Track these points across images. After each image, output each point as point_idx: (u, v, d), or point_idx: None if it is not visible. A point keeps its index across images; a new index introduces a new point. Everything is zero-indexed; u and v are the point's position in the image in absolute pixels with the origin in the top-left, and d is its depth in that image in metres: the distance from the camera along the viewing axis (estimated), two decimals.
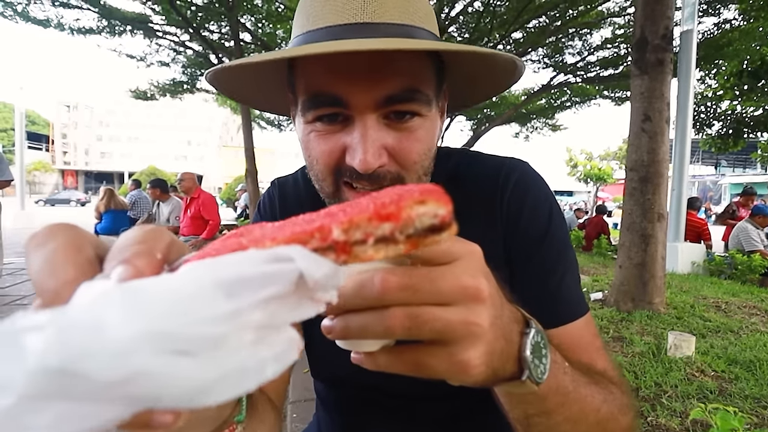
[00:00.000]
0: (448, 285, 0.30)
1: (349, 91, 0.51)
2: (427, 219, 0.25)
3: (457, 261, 0.31)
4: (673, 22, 3.72)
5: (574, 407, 0.43)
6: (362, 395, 0.72)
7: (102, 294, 0.18)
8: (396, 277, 0.29)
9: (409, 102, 0.53)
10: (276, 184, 0.79)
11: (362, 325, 0.30)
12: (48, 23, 6.70)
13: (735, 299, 4.20)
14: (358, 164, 0.51)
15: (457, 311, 0.30)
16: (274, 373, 0.20)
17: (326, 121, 0.54)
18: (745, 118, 9.46)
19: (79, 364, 0.16)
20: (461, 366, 0.31)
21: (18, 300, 4.37)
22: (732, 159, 34.75)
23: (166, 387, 0.17)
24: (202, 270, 0.20)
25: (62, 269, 0.22)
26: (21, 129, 13.15)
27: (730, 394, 2.23)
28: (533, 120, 12.06)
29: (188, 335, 0.17)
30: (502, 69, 0.57)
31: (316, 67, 0.52)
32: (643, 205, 3.70)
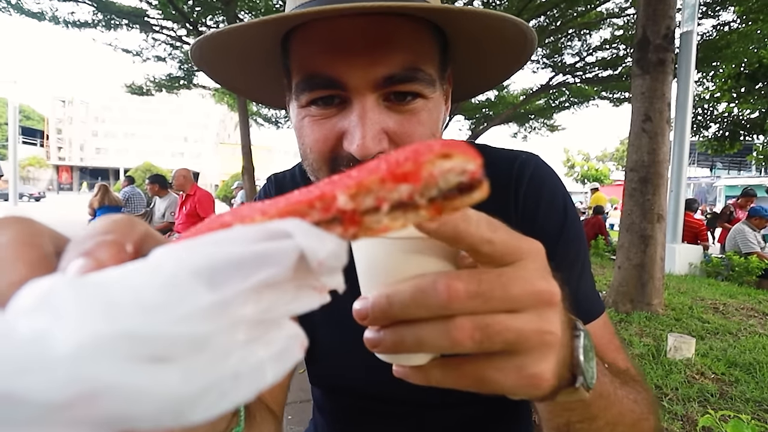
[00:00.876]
0: (520, 290, 0.26)
1: (346, 71, 0.46)
2: (453, 176, 0.20)
3: (524, 260, 0.27)
4: (674, 22, 3.71)
5: (614, 410, 0.41)
6: (364, 404, 0.68)
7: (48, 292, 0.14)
8: (463, 284, 0.25)
9: (411, 82, 0.48)
10: (272, 180, 0.75)
11: (421, 338, 0.26)
12: (42, 16, 6.61)
13: (733, 301, 4.20)
14: (356, 149, 0.46)
15: (529, 319, 0.27)
16: (276, 377, 0.16)
17: (321, 104, 0.50)
18: (741, 121, 9.50)
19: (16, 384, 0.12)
20: (533, 380, 0.27)
21: None
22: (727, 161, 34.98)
23: (138, 403, 0.13)
24: (175, 254, 0.16)
25: (10, 268, 0.18)
26: (14, 124, 13.03)
27: (731, 397, 2.22)
28: (531, 120, 12.08)
29: (162, 336, 0.13)
30: (511, 43, 0.52)
31: (310, 45, 0.48)
32: (642, 206, 3.69)
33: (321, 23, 0.47)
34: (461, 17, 0.46)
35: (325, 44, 0.47)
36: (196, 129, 78.73)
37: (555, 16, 7.78)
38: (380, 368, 0.64)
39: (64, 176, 72.89)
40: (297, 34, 0.49)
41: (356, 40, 0.46)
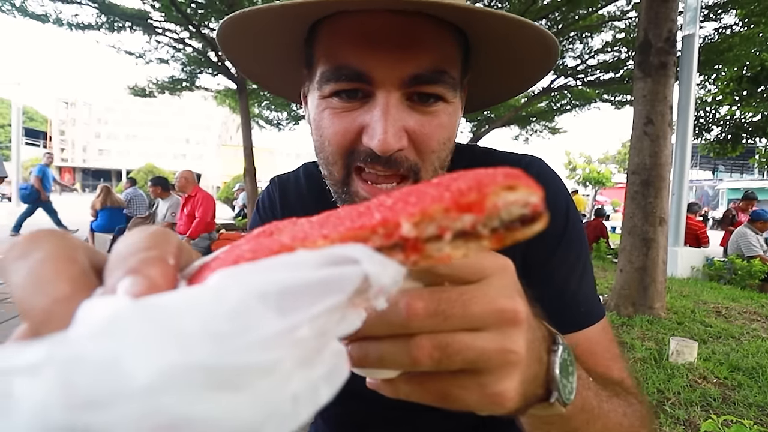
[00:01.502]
0: (481, 308, 0.26)
1: (375, 65, 0.46)
2: (516, 209, 0.20)
3: (489, 278, 0.27)
4: (676, 25, 3.70)
5: (599, 424, 0.40)
6: (363, 407, 0.68)
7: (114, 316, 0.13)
8: (423, 303, 0.25)
9: (436, 84, 0.49)
10: (276, 182, 0.75)
11: (383, 355, 0.26)
12: (46, 18, 6.63)
13: (735, 304, 4.19)
14: (377, 144, 0.46)
15: (491, 338, 0.26)
16: (328, 396, 0.16)
17: (344, 97, 0.49)
18: (743, 124, 9.47)
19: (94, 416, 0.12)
20: (495, 398, 0.27)
21: (8, 299, 4.31)
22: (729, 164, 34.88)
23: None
24: (242, 279, 0.16)
25: (52, 284, 0.17)
26: (18, 125, 13.07)
27: (734, 401, 2.21)
28: (533, 123, 12.07)
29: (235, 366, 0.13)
30: (533, 52, 0.52)
31: (339, 37, 0.48)
32: (644, 209, 3.68)
33: (352, 16, 0.47)
34: (488, 19, 0.46)
35: (356, 37, 0.47)
36: (198, 131, 78.89)
37: (557, 19, 7.79)
38: None
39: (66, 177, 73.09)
40: (325, 24, 0.49)
41: (387, 37, 0.46)
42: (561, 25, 7.89)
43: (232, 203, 13.86)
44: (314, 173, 0.73)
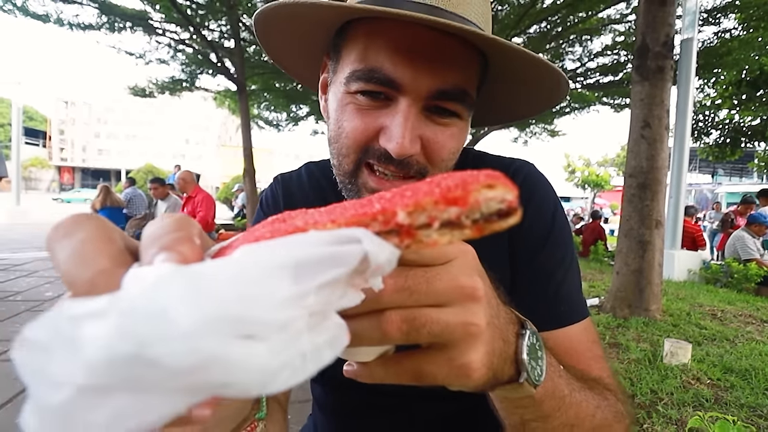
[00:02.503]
0: (444, 285, 0.28)
1: (406, 75, 0.49)
2: (494, 204, 0.23)
3: (452, 261, 0.29)
4: (674, 29, 3.73)
5: (570, 412, 0.42)
6: (360, 397, 0.71)
7: (161, 278, 0.16)
8: (391, 279, 0.27)
9: (456, 102, 0.52)
10: (279, 180, 0.77)
11: (356, 331, 0.28)
12: (47, 18, 6.66)
13: (731, 307, 4.20)
14: (394, 147, 0.50)
15: (454, 312, 0.28)
16: (331, 359, 0.20)
17: (369, 96, 0.52)
18: (742, 128, 9.51)
19: (151, 350, 0.14)
20: (463, 370, 0.30)
21: (11, 296, 4.32)
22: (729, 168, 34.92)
23: (238, 373, 0.16)
24: (265, 252, 0.19)
25: (95, 259, 0.20)
26: (17, 124, 13.08)
27: (726, 402, 2.22)
28: (532, 125, 12.09)
29: (258, 319, 0.16)
30: (545, 87, 0.56)
31: (377, 40, 0.50)
32: (641, 212, 3.70)
33: (390, 23, 0.49)
34: (512, 55, 0.49)
35: (392, 45, 0.49)
36: (198, 131, 78.90)
37: (556, 21, 7.81)
38: None
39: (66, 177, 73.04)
40: (362, 25, 0.52)
41: (421, 50, 0.49)
42: (561, 27, 7.92)
43: (231, 203, 13.88)
44: (315, 173, 0.75)
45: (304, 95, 9.46)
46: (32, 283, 4.92)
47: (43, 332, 0.15)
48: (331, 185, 0.71)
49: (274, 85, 9.06)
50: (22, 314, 3.73)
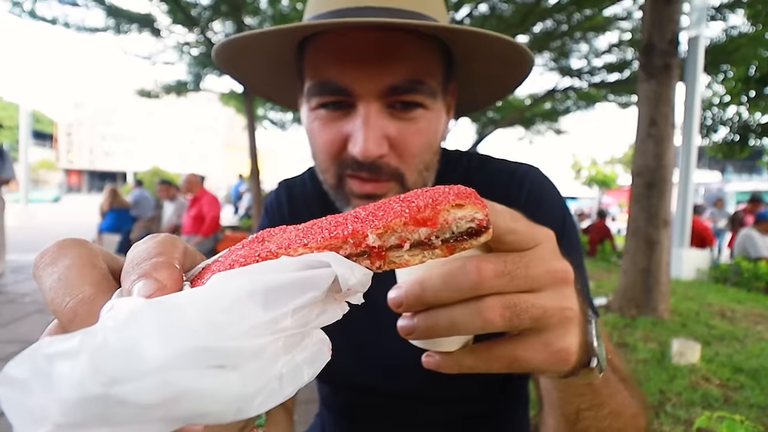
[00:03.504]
0: (539, 269, 0.28)
1: (353, 79, 0.50)
2: (464, 223, 0.24)
3: (541, 245, 0.29)
4: (680, 27, 3.70)
5: (618, 399, 0.43)
6: (367, 398, 0.71)
7: (132, 313, 0.17)
8: (491, 264, 0.27)
9: (413, 93, 0.52)
10: (283, 185, 0.78)
11: (454, 320, 0.28)
12: (55, 21, 6.73)
13: (740, 307, 4.16)
14: (359, 151, 0.50)
15: (550, 296, 0.29)
16: (311, 377, 0.20)
17: (330, 108, 0.53)
18: (751, 125, 9.40)
19: (119, 389, 0.15)
20: (561, 355, 0.29)
21: (20, 298, 4.37)
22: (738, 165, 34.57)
23: (210, 403, 0.16)
24: (234, 280, 0.19)
25: (78, 287, 0.20)
26: (26, 127, 13.22)
27: (735, 402, 2.20)
28: (537, 124, 12.03)
29: (229, 349, 0.17)
30: (510, 61, 0.55)
31: (322, 54, 0.52)
32: (648, 211, 3.68)
33: (334, 34, 0.50)
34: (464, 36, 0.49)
35: (336, 54, 0.50)
36: (203, 132, 79.31)
37: (562, 20, 7.76)
38: (378, 363, 0.67)
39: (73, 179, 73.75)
40: (311, 42, 0.53)
41: (364, 52, 0.49)
42: (566, 25, 7.88)
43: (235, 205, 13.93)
44: (318, 177, 0.76)
45: None
46: None
47: (22, 370, 0.16)
48: None
49: None
50: (31, 316, 3.77)
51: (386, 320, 0.65)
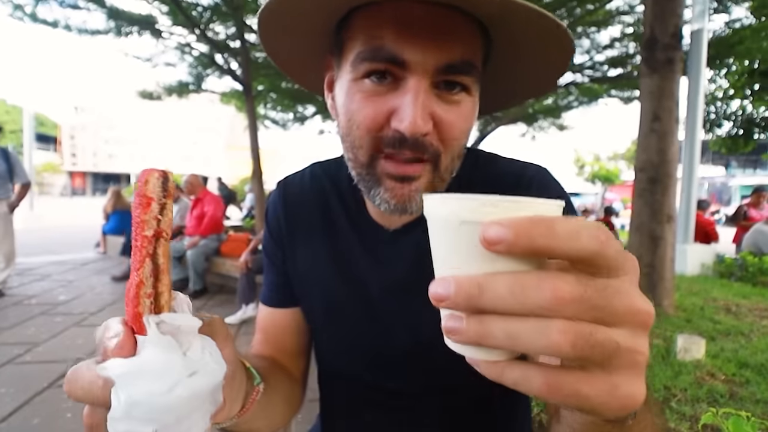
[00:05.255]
0: (622, 305, 0.25)
1: (411, 50, 0.48)
2: None
3: (626, 276, 0.26)
4: (682, 20, 3.67)
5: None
6: (365, 395, 0.71)
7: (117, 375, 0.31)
8: (569, 287, 0.24)
9: (464, 74, 0.51)
10: (281, 185, 0.77)
11: (515, 334, 0.25)
12: (56, 24, 6.75)
13: (745, 301, 4.14)
14: (407, 126, 0.48)
15: (624, 335, 0.25)
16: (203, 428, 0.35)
17: (376, 80, 0.51)
18: (755, 119, 9.32)
19: None
20: (625, 401, 0.26)
21: (26, 300, 4.40)
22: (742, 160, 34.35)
23: None
24: None
25: None
26: (29, 130, 13.29)
27: (741, 398, 2.19)
28: (540, 120, 11.99)
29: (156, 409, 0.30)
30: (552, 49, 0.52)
31: (379, 21, 0.50)
32: (652, 206, 3.66)
33: (388, 5, 0.49)
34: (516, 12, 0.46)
35: (394, 23, 0.49)
36: (205, 133, 79.43)
37: (563, 15, 7.73)
38: (375, 359, 0.67)
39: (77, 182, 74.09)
40: (362, 12, 0.51)
41: (423, 25, 0.48)
42: (568, 20, 7.84)
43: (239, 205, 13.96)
44: (318, 175, 0.75)
45: (310, 95, 9.47)
46: (46, 286, 5.00)
47: None
48: (333, 185, 0.72)
49: (279, 86, 9.07)
50: (37, 318, 3.80)
51: (387, 317, 0.66)
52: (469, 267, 0.27)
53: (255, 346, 0.74)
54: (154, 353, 0.30)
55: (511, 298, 0.24)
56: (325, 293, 0.69)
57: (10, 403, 2.23)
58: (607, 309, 0.25)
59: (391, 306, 0.65)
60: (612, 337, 0.25)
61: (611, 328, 0.25)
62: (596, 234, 0.24)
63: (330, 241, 0.70)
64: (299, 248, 0.72)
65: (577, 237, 0.24)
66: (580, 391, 0.26)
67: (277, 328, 0.74)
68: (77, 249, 7.99)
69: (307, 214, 0.72)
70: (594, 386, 0.26)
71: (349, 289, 0.67)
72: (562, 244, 0.23)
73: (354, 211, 0.69)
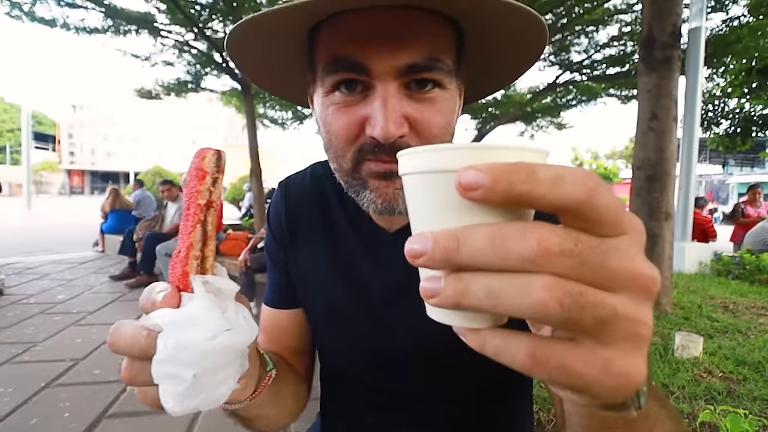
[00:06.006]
0: (620, 265, 0.21)
1: (371, 56, 0.49)
2: None
3: (627, 235, 0.22)
4: (680, 19, 3.68)
5: None
6: (366, 396, 0.71)
7: None
8: (557, 238, 0.21)
9: (431, 71, 0.51)
10: (282, 186, 0.78)
11: (494, 291, 0.21)
12: (54, 23, 6.72)
13: (743, 299, 4.16)
14: (379, 133, 0.49)
15: (624, 301, 0.22)
16: None
17: (344, 90, 0.52)
18: (753, 117, 9.33)
19: None
20: (620, 379, 0.22)
21: (24, 299, 4.39)
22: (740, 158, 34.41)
23: None
24: None
25: None
26: (27, 129, 13.24)
27: (739, 395, 2.20)
28: (538, 119, 11.99)
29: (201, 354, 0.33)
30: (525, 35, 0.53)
31: (338, 33, 0.51)
32: (650, 204, 3.67)
33: (349, 16, 0.50)
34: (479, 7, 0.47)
35: (353, 32, 0.49)
36: (204, 132, 79.27)
37: (561, 13, 7.73)
38: (376, 359, 0.67)
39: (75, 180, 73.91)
40: (324, 27, 0.52)
41: (382, 30, 0.48)
42: (566, 19, 7.84)
43: (238, 204, 13.95)
44: (319, 174, 0.75)
45: None
46: (44, 285, 4.99)
47: None
48: (333, 186, 0.72)
49: None
50: (35, 317, 3.79)
51: (388, 319, 0.66)
52: (447, 221, 0.25)
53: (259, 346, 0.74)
54: (200, 306, 0.33)
55: (491, 250, 0.21)
56: (326, 295, 0.69)
57: (9, 403, 2.22)
58: (603, 269, 0.21)
59: (392, 308, 0.65)
60: (610, 301, 0.21)
61: (608, 291, 0.22)
62: (583, 181, 0.21)
63: (331, 242, 0.70)
64: (301, 249, 0.72)
65: (560, 184, 0.21)
66: (569, 364, 0.22)
67: (280, 328, 0.75)
68: (76, 248, 7.97)
69: (308, 214, 0.72)
70: (585, 359, 0.22)
71: (350, 291, 0.67)
72: (545, 191, 0.20)
73: (354, 213, 0.69)
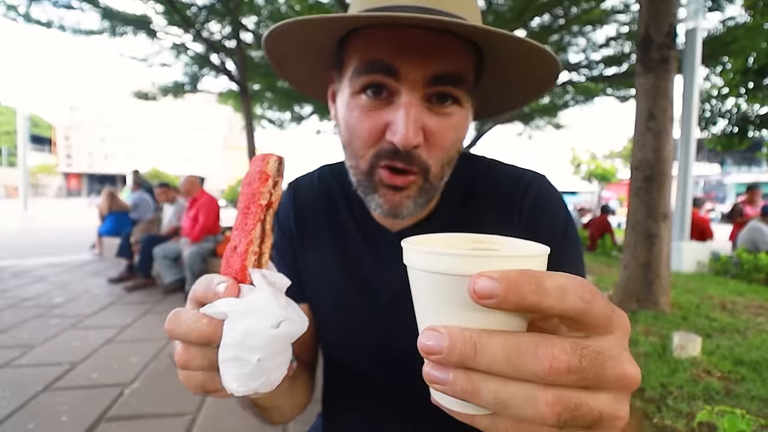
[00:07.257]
0: (612, 372, 0.25)
1: (403, 62, 0.53)
2: None
3: (615, 334, 0.26)
4: (677, 19, 3.69)
5: None
6: (370, 390, 0.72)
7: None
8: (567, 357, 0.24)
9: (454, 85, 0.54)
10: (292, 187, 0.80)
11: (501, 398, 0.24)
12: (50, 24, 6.70)
13: (741, 299, 4.17)
14: (399, 139, 0.52)
15: (607, 400, 0.25)
16: None
17: (371, 94, 0.55)
18: (750, 116, 9.37)
19: None
20: None
21: (21, 302, 4.37)
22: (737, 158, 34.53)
23: None
24: None
25: None
26: (24, 131, 13.20)
27: (737, 395, 2.20)
28: (536, 119, 12.02)
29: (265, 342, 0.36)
30: (540, 68, 0.57)
31: (374, 39, 0.54)
32: (648, 204, 3.68)
33: (382, 28, 0.54)
34: (499, 39, 0.51)
35: (388, 40, 0.53)
36: (202, 133, 79.18)
37: (559, 14, 7.74)
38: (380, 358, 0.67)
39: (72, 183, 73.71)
40: (360, 33, 0.56)
41: (415, 43, 0.52)
42: (563, 20, 7.86)
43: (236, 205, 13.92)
44: (327, 176, 0.77)
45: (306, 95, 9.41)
46: (41, 289, 4.97)
47: None
48: (340, 188, 0.74)
49: (276, 86, 9.06)
50: (32, 320, 3.77)
51: (392, 318, 0.66)
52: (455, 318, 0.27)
53: None
54: (262, 296, 0.36)
55: (506, 362, 0.24)
56: (332, 294, 0.70)
57: (6, 407, 2.21)
58: (599, 378, 0.25)
59: (396, 307, 0.66)
60: (595, 404, 0.25)
61: (597, 392, 0.25)
62: (582, 294, 0.25)
63: (337, 242, 0.72)
64: (309, 248, 0.74)
65: (564, 296, 0.24)
66: None
67: None
68: (73, 251, 7.94)
69: (316, 215, 0.75)
70: None
71: (356, 291, 0.69)
72: (552, 303, 0.24)
73: (360, 215, 0.71)
